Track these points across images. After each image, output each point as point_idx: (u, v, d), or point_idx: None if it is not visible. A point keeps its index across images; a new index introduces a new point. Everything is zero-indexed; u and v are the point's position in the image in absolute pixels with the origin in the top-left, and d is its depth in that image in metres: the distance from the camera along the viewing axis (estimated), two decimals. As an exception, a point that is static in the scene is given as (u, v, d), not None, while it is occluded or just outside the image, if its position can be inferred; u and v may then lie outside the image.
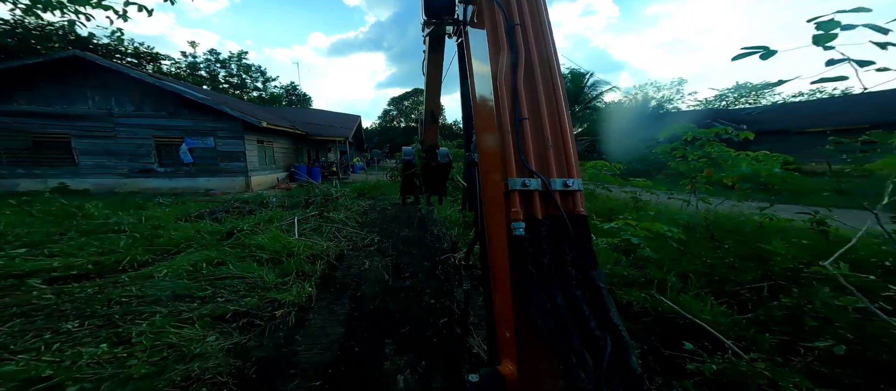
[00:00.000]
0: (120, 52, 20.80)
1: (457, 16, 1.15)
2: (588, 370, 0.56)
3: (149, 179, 9.79)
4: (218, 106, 9.69)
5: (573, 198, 0.74)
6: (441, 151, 2.15)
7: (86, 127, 8.81)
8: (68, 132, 8.62)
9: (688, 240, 2.91)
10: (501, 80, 0.79)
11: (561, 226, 0.70)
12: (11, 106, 7.99)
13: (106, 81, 8.77)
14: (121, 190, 9.43)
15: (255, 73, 36.32)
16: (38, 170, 8.48)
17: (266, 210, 6.80)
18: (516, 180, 0.71)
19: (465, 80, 1.16)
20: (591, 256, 0.69)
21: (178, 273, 2.83)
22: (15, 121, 7.98)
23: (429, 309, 2.86)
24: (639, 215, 3.96)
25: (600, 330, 0.60)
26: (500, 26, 0.83)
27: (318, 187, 8.29)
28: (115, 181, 9.36)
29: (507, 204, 0.72)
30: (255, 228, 4.92)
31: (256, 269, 3.14)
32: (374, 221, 6.87)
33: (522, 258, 0.66)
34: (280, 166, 14.51)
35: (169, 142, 9.87)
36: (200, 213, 6.04)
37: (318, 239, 4.96)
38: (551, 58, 0.84)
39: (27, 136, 8.23)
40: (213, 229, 4.53)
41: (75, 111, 8.64)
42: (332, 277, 3.63)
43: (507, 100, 0.77)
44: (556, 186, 0.73)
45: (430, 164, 2.22)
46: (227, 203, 7.22)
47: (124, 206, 6.63)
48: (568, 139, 0.78)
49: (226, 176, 10.71)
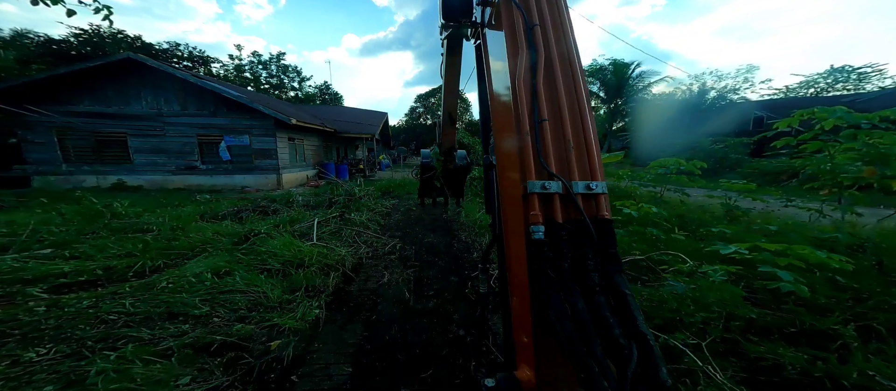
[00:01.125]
0: (177, 57, 23.39)
1: (474, 18, 1.14)
2: (611, 379, 0.54)
3: (193, 176, 10.54)
4: (251, 104, 10.07)
5: (597, 202, 0.73)
6: (459, 153, 2.14)
7: (139, 126, 9.69)
8: (125, 131, 9.55)
9: (851, 270, 1.98)
10: (520, 81, 0.78)
11: (584, 231, 0.68)
12: (79, 107, 9.03)
13: (156, 82, 9.54)
14: (169, 186, 10.25)
15: (292, 74, 38.67)
16: (101, 167, 9.53)
17: (290, 210, 6.78)
18: (535, 183, 0.71)
19: (483, 82, 1.15)
20: (616, 261, 0.68)
21: (180, 284, 2.60)
22: (82, 121, 9.02)
23: (457, 343, 2.31)
24: (745, 229, 3.00)
25: (626, 338, 0.58)
26: (518, 27, 0.83)
27: (344, 185, 8.18)
28: (164, 178, 10.21)
29: (526, 207, 0.71)
30: (274, 231, 4.79)
31: (262, 283, 2.83)
32: (397, 224, 6.51)
33: (541, 262, 0.66)
34: (310, 164, 14.97)
35: (210, 140, 10.52)
36: (228, 212, 6.13)
37: (336, 244, 4.66)
38: (572, 57, 0.83)
39: (91, 136, 9.26)
40: (232, 231, 4.42)
41: (130, 111, 9.54)
42: (346, 293, 3.24)
43: (526, 101, 0.76)
44: (579, 189, 0.72)
45: (449, 166, 2.22)
46: (255, 201, 7.35)
47: (163, 203, 7.04)
48: (591, 140, 0.76)
49: (259, 173, 11.19)
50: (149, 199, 7.45)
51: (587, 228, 0.68)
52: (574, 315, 0.61)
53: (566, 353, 0.59)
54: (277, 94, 35.22)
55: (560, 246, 0.67)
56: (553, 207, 0.71)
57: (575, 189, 0.71)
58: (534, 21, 0.83)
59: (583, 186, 0.72)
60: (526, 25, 0.82)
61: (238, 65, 34.21)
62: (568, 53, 0.83)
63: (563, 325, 0.60)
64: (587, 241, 0.68)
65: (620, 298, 0.64)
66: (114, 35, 19.03)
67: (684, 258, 2.63)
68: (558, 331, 0.60)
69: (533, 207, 0.70)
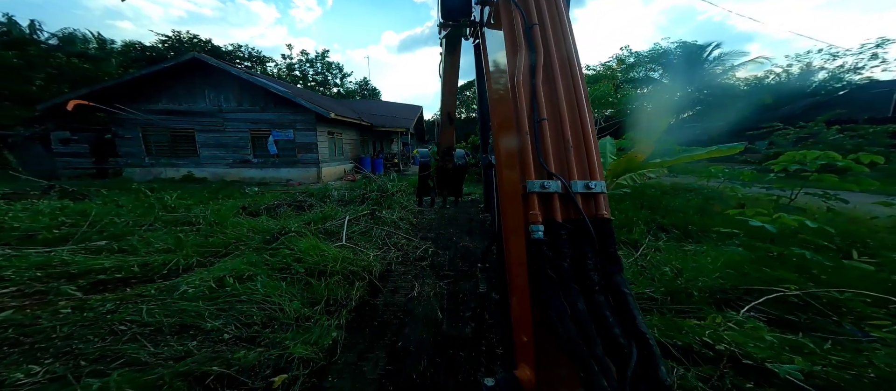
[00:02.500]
0: (239, 58, 26.38)
1: (473, 17, 1.18)
2: (611, 378, 0.54)
3: (246, 169, 11.52)
4: (295, 98, 10.55)
5: (596, 201, 0.74)
6: (458, 153, 2.14)
7: (204, 122, 10.83)
8: (193, 127, 10.75)
9: None
10: (519, 80, 0.78)
11: (583, 230, 0.69)
12: (158, 105, 10.39)
13: (216, 80, 10.53)
14: (227, 178, 11.35)
15: (335, 71, 40.99)
16: (176, 160, 10.91)
17: (324, 205, 6.84)
18: (534, 182, 0.72)
19: (481, 81, 1.25)
20: (616, 261, 0.68)
21: (201, 289, 2.47)
22: (159, 118, 10.37)
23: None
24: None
25: (625, 337, 0.59)
26: (517, 27, 0.85)
27: (377, 181, 8.06)
28: (224, 170, 11.32)
29: (525, 206, 0.72)
30: (305, 228, 4.74)
31: (281, 293, 2.61)
32: (429, 224, 6.14)
33: (541, 262, 0.67)
34: (347, 157, 15.47)
35: (260, 134, 11.35)
36: (268, 206, 6.34)
37: (365, 246, 4.42)
38: (572, 57, 0.84)
39: (167, 131, 10.62)
40: (265, 228, 4.42)
41: (197, 108, 10.69)
42: (371, 308, 2.90)
43: (525, 101, 0.77)
44: (578, 188, 0.73)
45: (447, 166, 2.24)
46: (294, 195, 7.58)
47: (215, 195, 7.65)
48: (591, 140, 0.77)
49: (302, 167, 11.79)
50: (203, 191, 8.19)
51: (586, 228, 0.68)
52: (574, 314, 0.61)
53: (566, 353, 0.58)
54: (322, 91, 37.68)
55: (560, 245, 0.67)
56: (552, 207, 0.71)
57: (574, 188, 0.72)
58: (533, 21, 0.84)
59: (582, 186, 0.73)
60: (525, 25, 0.83)
61: (289, 64, 37.33)
62: (567, 53, 0.83)
63: (563, 325, 0.60)
64: (587, 241, 0.68)
65: (620, 298, 0.64)
66: (190, 40, 22.02)
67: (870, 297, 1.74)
68: (559, 331, 0.60)
69: (532, 207, 0.70)
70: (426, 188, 2.45)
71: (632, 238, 4.18)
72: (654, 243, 4.08)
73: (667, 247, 3.89)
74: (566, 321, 0.61)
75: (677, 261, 3.12)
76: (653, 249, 3.86)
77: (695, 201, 5.48)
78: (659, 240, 4.25)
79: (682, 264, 2.97)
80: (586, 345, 0.58)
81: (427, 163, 2.38)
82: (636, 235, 4.23)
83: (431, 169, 2.47)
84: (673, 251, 3.65)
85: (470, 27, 1.29)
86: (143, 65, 17.69)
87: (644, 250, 3.78)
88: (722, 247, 3.27)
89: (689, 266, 2.91)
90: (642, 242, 4.04)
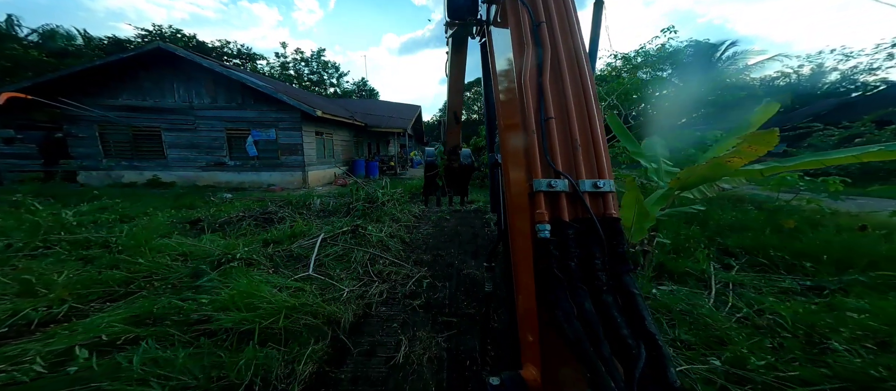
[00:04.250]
0: (226, 54, 25.46)
1: (480, 16, 1.17)
2: (618, 379, 0.55)
3: (221, 173, 10.53)
4: (275, 93, 9.62)
5: (604, 200, 0.74)
6: (463, 152, 2.19)
7: (173, 120, 9.86)
8: (159, 125, 9.78)
9: None
10: (526, 79, 0.80)
11: (591, 229, 0.69)
12: (118, 100, 9.42)
13: (188, 74, 9.60)
14: (199, 183, 10.35)
15: (331, 70, 40.26)
16: (139, 162, 9.90)
17: (303, 216, 5.85)
18: (541, 181, 0.72)
19: (488, 80, 1.24)
20: (624, 260, 0.69)
21: (46, 359, 1.46)
22: (117, 115, 9.40)
23: None
24: None
25: (634, 338, 0.60)
26: (524, 24, 0.85)
27: (365, 187, 7.09)
28: (195, 174, 10.33)
29: (532, 205, 0.72)
30: (262, 251, 3.73)
31: (175, 369, 1.60)
32: (425, 240, 5.14)
33: (547, 261, 0.67)
34: (339, 160, 14.52)
35: (238, 134, 10.39)
36: (230, 219, 5.34)
37: (340, 276, 3.42)
38: (580, 55, 0.84)
39: (129, 130, 9.62)
40: (204, 253, 3.41)
41: (164, 104, 9.73)
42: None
43: (532, 99, 0.78)
44: (586, 187, 0.73)
45: (453, 165, 2.27)
46: (270, 203, 6.60)
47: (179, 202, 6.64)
48: (599, 139, 0.78)
49: (285, 170, 10.82)
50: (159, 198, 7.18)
51: (595, 227, 0.69)
52: (581, 314, 0.62)
53: (574, 353, 0.59)
54: (318, 91, 36.86)
55: (567, 245, 0.67)
56: (559, 206, 0.72)
57: (582, 187, 0.72)
58: (540, 18, 0.85)
59: (590, 184, 0.73)
60: (532, 23, 0.84)
61: (283, 63, 36.55)
62: (575, 51, 0.84)
63: (570, 325, 0.60)
64: (595, 240, 0.68)
65: (628, 298, 0.65)
66: (173, 34, 21.16)
67: None
68: (566, 331, 0.60)
69: (539, 206, 0.71)
70: (433, 187, 2.50)
71: (694, 267, 3.16)
72: (726, 274, 3.09)
73: (752, 283, 2.89)
74: (573, 321, 0.61)
75: (805, 320, 2.08)
76: (728, 285, 2.87)
77: (755, 215, 4.52)
78: (731, 270, 3.26)
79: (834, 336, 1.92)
80: (593, 346, 0.58)
81: (434, 162, 2.36)
82: (701, 263, 3.22)
83: (439, 168, 2.41)
84: (768, 295, 2.63)
85: (476, 26, 1.24)
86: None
87: (715, 287, 2.79)
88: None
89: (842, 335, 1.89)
90: (709, 272, 3.05)
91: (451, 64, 1.85)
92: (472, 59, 1.78)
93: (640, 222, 2.38)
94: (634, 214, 2.34)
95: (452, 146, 2.32)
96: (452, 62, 1.84)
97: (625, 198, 2.37)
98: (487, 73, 1.19)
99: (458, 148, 2.31)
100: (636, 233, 2.47)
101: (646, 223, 2.39)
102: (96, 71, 8.75)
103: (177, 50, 8.85)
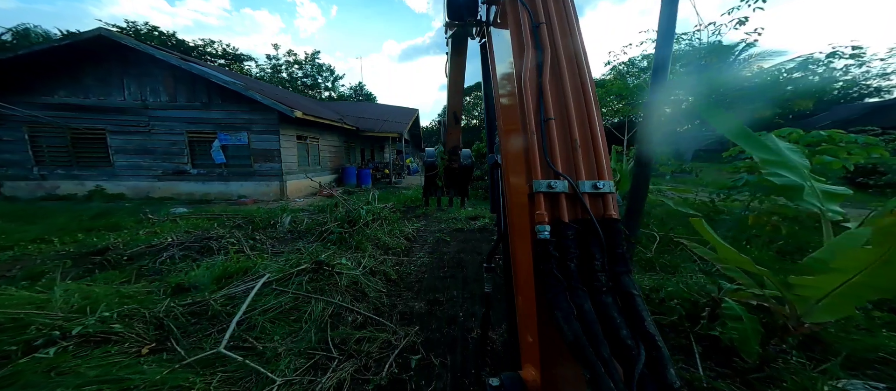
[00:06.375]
0: (209, 54, 24.25)
1: (480, 16, 1.20)
2: (618, 379, 0.55)
3: (182, 183, 9.19)
4: (245, 92, 8.36)
5: (604, 201, 0.75)
6: (463, 153, 2.24)
7: (121, 121, 8.56)
8: (104, 127, 8.46)
9: None
10: (526, 79, 0.80)
11: (591, 230, 0.70)
12: (53, 98, 8.11)
13: (140, 68, 8.35)
14: (155, 194, 9.02)
15: (326, 73, 39.29)
16: (78, 171, 8.54)
17: (255, 243, 4.49)
18: (541, 182, 0.73)
19: (488, 81, 1.22)
20: (624, 261, 0.70)
21: None
22: (56, 115, 8.08)
23: None
24: None
25: (633, 339, 0.61)
26: (524, 25, 0.86)
27: (346, 203, 5.73)
28: (150, 184, 8.98)
29: (532, 206, 0.74)
30: (120, 320, 2.36)
31: None
32: (419, 275, 3.83)
33: (547, 262, 0.68)
34: (326, 167, 13.22)
35: (202, 138, 9.10)
36: (150, 247, 3.98)
37: (275, 350, 2.07)
38: (579, 56, 0.85)
39: (66, 132, 8.29)
40: (32, 320, 2.03)
41: (111, 103, 8.42)
42: None
43: (531, 100, 0.79)
44: (585, 188, 0.74)
45: (453, 166, 2.33)
46: (212, 226, 5.23)
47: (98, 221, 5.26)
48: (599, 139, 0.79)
49: (260, 179, 9.52)
50: (66, 216, 5.80)
51: (594, 228, 0.70)
52: (581, 315, 0.63)
53: (573, 354, 0.60)
54: (312, 94, 35.78)
55: (566, 245, 0.69)
56: (559, 207, 0.73)
57: (581, 188, 0.73)
58: (539, 19, 0.86)
59: (589, 185, 0.74)
60: (532, 23, 0.85)
61: (274, 65, 35.56)
62: (575, 52, 0.85)
63: (570, 326, 0.61)
64: (594, 241, 0.69)
65: (628, 299, 0.66)
66: (150, 32, 20.04)
67: None
68: (565, 332, 0.61)
69: (538, 207, 0.72)
70: (433, 187, 2.42)
71: None
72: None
73: None
74: (572, 322, 0.62)
75: None
76: None
77: None
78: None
79: None
80: (593, 346, 0.58)
81: (434, 162, 2.26)
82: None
83: (439, 169, 2.30)
84: None
85: (476, 26, 1.24)
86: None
87: None
88: None
89: None
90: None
91: (451, 65, 1.90)
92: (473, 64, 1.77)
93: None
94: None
95: (452, 146, 2.34)
96: (452, 63, 1.89)
97: (878, 238, 1.06)
98: (487, 73, 1.19)
99: (458, 148, 2.35)
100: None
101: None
102: (21, 62, 7.42)
103: (123, 38, 7.60)
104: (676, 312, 2.37)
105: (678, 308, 2.39)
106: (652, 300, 2.62)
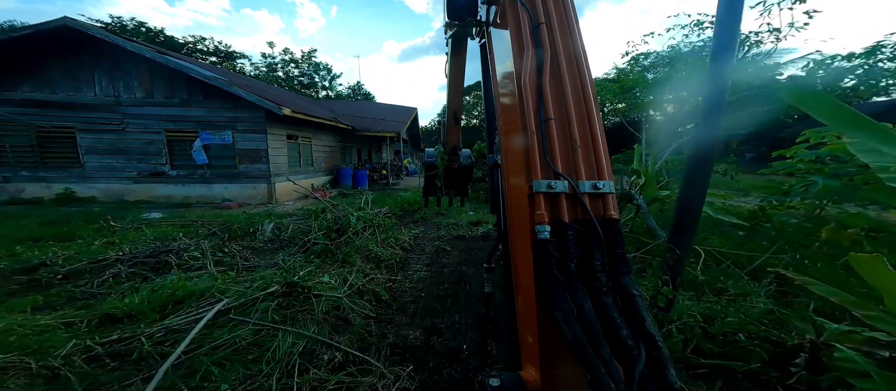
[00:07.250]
0: (200, 51, 23.60)
1: (480, 16, 1.21)
2: (618, 379, 0.55)
3: (160, 185, 8.61)
4: (228, 87, 7.81)
5: (604, 201, 0.76)
6: (463, 153, 2.29)
7: (92, 118, 7.99)
8: (73, 125, 7.88)
9: None
10: (526, 80, 0.81)
11: (591, 231, 0.71)
12: (16, 94, 7.53)
13: (113, 62, 7.80)
14: (130, 197, 8.44)
15: (323, 72, 38.69)
16: (44, 172, 7.95)
17: (224, 255, 3.90)
18: (541, 182, 0.73)
19: (488, 81, 1.23)
20: (624, 261, 0.71)
21: None
22: (19, 112, 7.50)
23: None
24: None
25: (633, 339, 0.61)
26: (524, 26, 0.87)
27: (335, 209, 5.14)
28: (124, 187, 8.40)
29: (532, 207, 0.74)
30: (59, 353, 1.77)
31: None
32: (415, 293, 3.32)
33: (547, 262, 0.68)
34: (320, 169, 12.63)
35: (182, 137, 8.53)
36: (94, 263, 3.41)
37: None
38: (579, 56, 0.86)
39: (31, 131, 7.70)
40: None
41: (81, 99, 7.85)
42: None
43: (531, 100, 0.80)
44: (585, 188, 0.75)
45: (453, 166, 2.39)
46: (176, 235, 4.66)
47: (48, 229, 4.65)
48: (599, 140, 0.80)
49: (245, 181, 8.93)
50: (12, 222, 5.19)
51: (594, 228, 0.70)
52: (581, 316, 0.63)
53: (573, 354, 0.60)
54: (308, 93, 35.14)
55: (566, 246, 0.69)
56: (559, 207, 0.73)
57: (581, 188, 0.74)
58: (539, 19, 0.87)
59: (590, 186, 0.75)
60: (531, 24, 0.86)
61: (270, 63, 34.91)
62: (574, 52, 0.86)
63: (570, 326, 0.61)
64: (594, 241, 0.70)
65: (628, 299, 0.66)
66: (136, 28, 19.41)
67: None
68: (565, 332, 0.61)
69: (538, 207, 0.72)
70: (433, 187, 2.37)
71: None
72: None
73: None
74: (573, 322, 0.61)
75: None
76: None
77: None
78: None
79: None
80: (593, 347, 0.58)
81: (434, 162, 2.24)
82: None
83: (439, 169, 2.30)
84: None
85: (476, 27, 1.25)
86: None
87: None
88: None
89: None
90: None
91: (451, 64, 1.93)
92: (473, 64, 1.80)
93: None
94: None
95: (452, 146, 2.37)
96: (452, 63, 1.92)
97: None
98: (487, 74, 1.21)
99: (458, 148, 2.38)
100: None
101: None
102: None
103: (89, 28, 7.02)
104: (757, 356, 1.80)
105: (758, 351, 1.81)
106: (709, 334, 2.07)
